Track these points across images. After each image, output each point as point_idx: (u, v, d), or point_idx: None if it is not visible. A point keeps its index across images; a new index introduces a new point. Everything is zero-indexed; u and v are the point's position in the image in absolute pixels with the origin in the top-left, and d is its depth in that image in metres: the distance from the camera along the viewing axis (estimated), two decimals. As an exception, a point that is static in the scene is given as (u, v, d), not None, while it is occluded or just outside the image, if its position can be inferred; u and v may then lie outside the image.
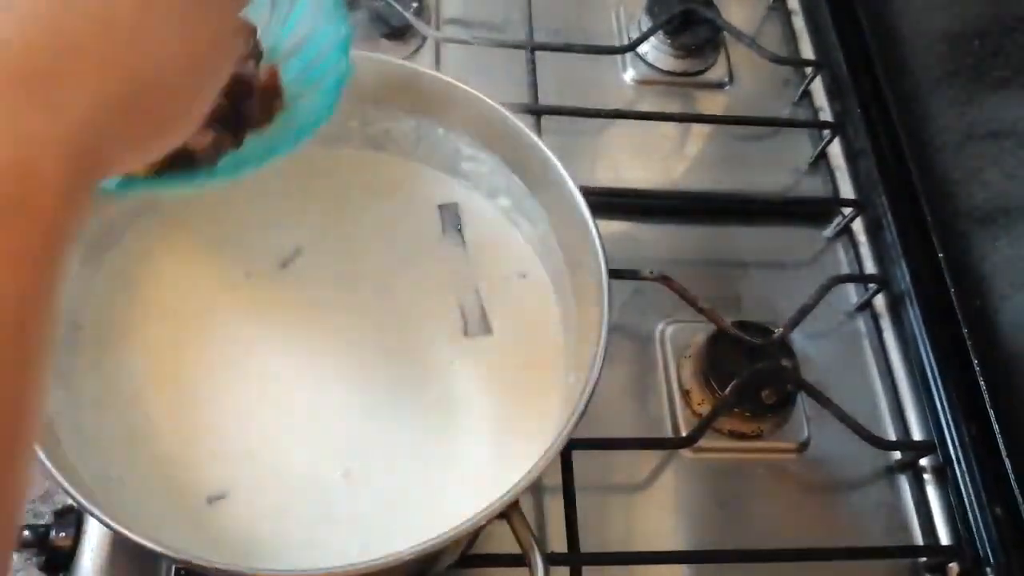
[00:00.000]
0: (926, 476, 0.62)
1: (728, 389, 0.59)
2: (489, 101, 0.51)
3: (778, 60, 0.78)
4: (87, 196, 0.20)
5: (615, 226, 0.69)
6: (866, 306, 0.70)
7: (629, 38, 0.78)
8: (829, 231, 0.73)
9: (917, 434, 0.64)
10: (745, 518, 0.59)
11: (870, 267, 0.71)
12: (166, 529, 0.43)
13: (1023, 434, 0.59)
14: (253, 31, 0.36)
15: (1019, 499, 0.57)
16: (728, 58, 0.80)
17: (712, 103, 0.78)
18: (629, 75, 0.78)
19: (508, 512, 0.41)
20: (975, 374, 0.62)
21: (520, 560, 0.42)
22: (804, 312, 0.62)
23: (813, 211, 0.75)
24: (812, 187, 0.75)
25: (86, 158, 0.20)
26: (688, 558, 0.58)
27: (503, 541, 0.47)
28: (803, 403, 0.62)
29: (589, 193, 0.48)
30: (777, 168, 0.76)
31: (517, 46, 0.74)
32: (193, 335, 0.49)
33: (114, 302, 0.50)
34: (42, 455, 0.37)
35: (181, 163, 0.34)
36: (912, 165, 0.71)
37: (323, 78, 0.40)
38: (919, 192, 0.70)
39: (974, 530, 0.58)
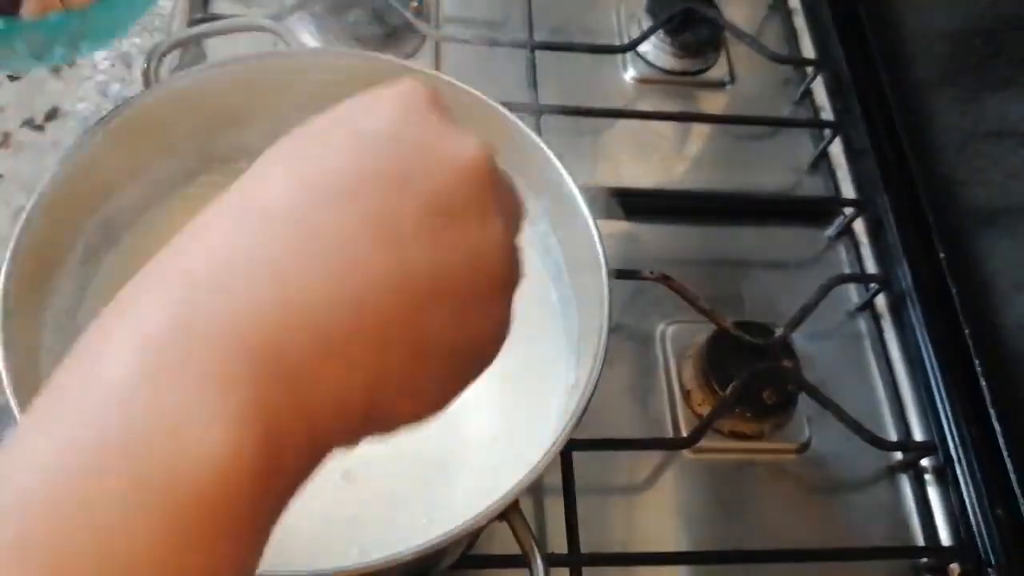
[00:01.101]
0: (927, 477, 0.62)
1: (729, 389, 0.58)
2: (489, 101, 0.51)
3: (779, 59, 0.78)
4: (313, 467, 0.22)
5: (615, 226, 0.69)
6: (867, 306, 0.69)
7: (629, 37, 0.78)
8: (830, 231, 0.73)
9: (918, 435, 0.64)
10: (746, 519, 0.59)
11: (871, 267, 0.71)
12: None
13: (1025, 435, 0.59)
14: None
15: (1020, 500, 0.57)
16: (729, 57, 0.80)
17: (713, 102, 0.78)
18: (629, 74, 0.78)
19: (508, 512, 0.41)
20: (976, 374, 0.62)
21: (520, 560, 0.41)
22: (805, 312, 0.62)
23: (814, 211, 0.74)
24: (813, 187, 0.75)
25: (319, 448, 0.22)
26: (688, 559, 0.58)
27: (503, 541, 0.47)
28: (804, 404, 0.62)
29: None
30: (778, 168, 0.75)
31: (517, 45, 0.74)
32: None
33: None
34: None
35: None
36: (913, 165, 0.71)
37: None
38: (920, 192, 0.70)
39: (975, 531, 0.58)
